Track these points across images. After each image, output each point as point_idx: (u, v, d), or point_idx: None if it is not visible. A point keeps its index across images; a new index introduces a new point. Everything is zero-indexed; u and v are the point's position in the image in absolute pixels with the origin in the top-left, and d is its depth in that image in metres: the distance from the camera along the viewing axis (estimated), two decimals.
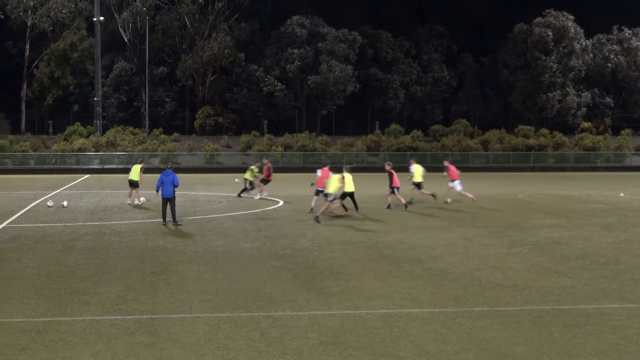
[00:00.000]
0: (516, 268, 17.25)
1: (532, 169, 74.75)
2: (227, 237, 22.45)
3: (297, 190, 41.07)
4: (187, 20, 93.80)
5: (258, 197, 36.18)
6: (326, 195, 27.19)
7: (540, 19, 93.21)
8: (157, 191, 25.46)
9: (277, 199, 35.20)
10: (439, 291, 14.67)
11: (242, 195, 37.10)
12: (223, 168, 73.08)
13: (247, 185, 37.25)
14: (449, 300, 13.92)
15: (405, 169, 35.19)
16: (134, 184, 33.36)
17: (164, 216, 25.31)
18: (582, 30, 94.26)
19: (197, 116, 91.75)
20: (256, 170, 36.97)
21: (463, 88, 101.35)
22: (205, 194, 39.31)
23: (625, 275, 16.56)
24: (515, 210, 30.84)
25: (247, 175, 37.19)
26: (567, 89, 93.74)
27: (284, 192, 39.51)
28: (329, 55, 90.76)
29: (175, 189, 25.05)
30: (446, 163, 35.59)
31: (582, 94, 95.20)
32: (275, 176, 38.53)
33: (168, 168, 25.88)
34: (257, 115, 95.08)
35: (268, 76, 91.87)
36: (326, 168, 29.90)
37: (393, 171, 31.26)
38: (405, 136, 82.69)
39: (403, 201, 30.95)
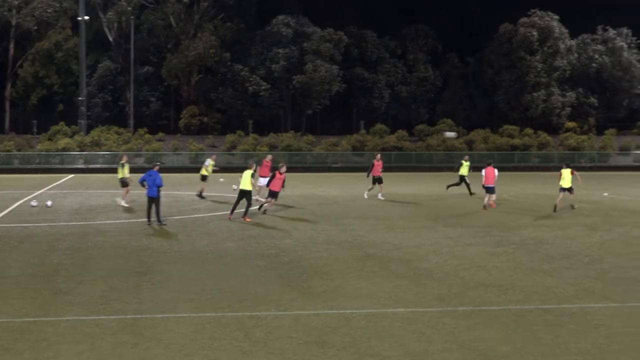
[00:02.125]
0: (501, 268, 17.31)
1: (517, 169, 74.74)
2: (212, 236, 22.41)
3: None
4: (172, 20, 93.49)
5: (380, 197, 35.61)
6: (564, 189, 29.94)
7: (526, 19, 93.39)
8: (142, 184, 25.42)
9: (261, 199, 35.08)
10: (424, 291, 14.71)
11: (449, 189, 37.85)
12: None
13: (459, 182, 37.36)
14: (434, 299, 13.96)
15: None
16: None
17: (148, 215, 25.25)
18: (567, 30, 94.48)
19: (182, 116, 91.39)
20: (468, 164, 37.05)
21: (448, 88, 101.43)
22: (190, 193, 39.18)
23: (609, 275, 16.64)
24: (500, 210, 30.90)
25: (463, 170, 37.11)
26: (552, 88, 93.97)
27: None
28: (314, 54, 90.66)
29: (160, 188, 25.05)
30: (268, 160, 33.77)
31: (567, 94, 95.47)
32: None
33: (152, 168, 25.86)
34: (243, 115, 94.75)
35: (253, 76, 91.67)
36: (491, 167, 31.97)
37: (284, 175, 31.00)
38: (390, 136, 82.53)
39: (262, 200, 31.03)
